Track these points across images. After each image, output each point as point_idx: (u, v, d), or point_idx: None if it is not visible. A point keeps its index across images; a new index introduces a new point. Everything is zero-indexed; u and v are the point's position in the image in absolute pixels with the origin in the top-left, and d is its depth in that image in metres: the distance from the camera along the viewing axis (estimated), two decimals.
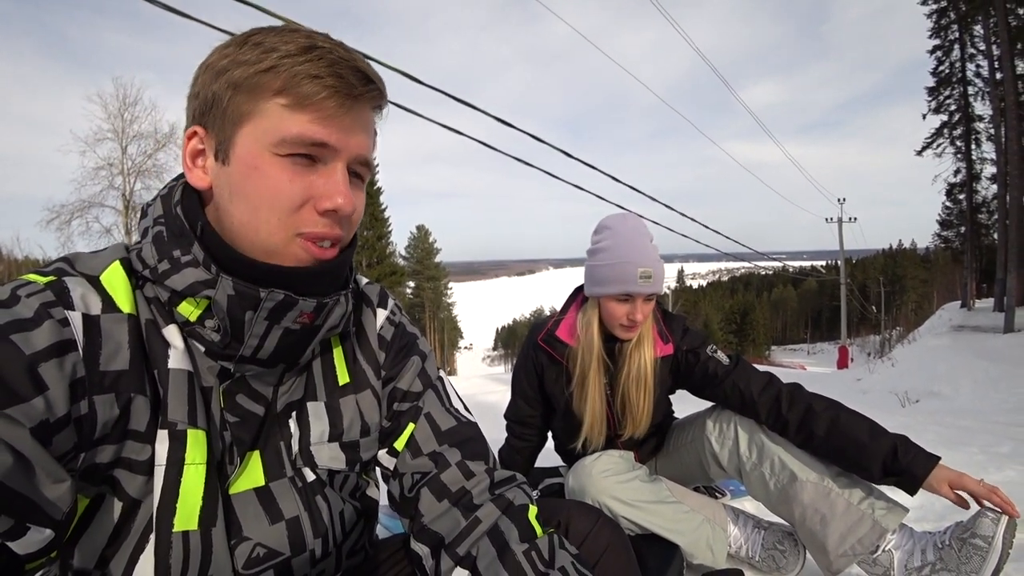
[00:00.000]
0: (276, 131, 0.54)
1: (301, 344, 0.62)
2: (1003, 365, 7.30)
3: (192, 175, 0.59)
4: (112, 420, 0.52)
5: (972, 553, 1.05)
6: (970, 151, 18.58)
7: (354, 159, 0.58)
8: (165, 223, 0.58)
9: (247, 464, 0.62)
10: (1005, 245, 13.90)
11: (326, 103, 0.54)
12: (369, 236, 28.80)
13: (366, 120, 0.59)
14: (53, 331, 0.49)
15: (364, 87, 0.56)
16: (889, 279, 51.85)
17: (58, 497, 0.47)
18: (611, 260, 1.32)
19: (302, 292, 0.57)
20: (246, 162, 0.55)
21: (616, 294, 1.32)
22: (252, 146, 0.55)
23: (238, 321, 0.56)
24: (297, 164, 0.55)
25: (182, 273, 0.55)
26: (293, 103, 0.53)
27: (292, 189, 0.55)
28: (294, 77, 0.53)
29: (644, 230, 1.38)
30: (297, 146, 0.54)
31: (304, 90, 0.53)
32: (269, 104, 0.54)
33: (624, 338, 1.36)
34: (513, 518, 0.66)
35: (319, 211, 0.56)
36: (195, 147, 0.58)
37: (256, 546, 0.60)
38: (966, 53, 18.00)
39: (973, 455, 2.51)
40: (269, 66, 0.53)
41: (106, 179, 15.50)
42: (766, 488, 1.28)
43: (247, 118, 0.55)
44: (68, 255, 0.57)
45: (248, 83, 0.54)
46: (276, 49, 0.53)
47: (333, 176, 0.56)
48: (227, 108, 0.55)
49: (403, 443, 0.71)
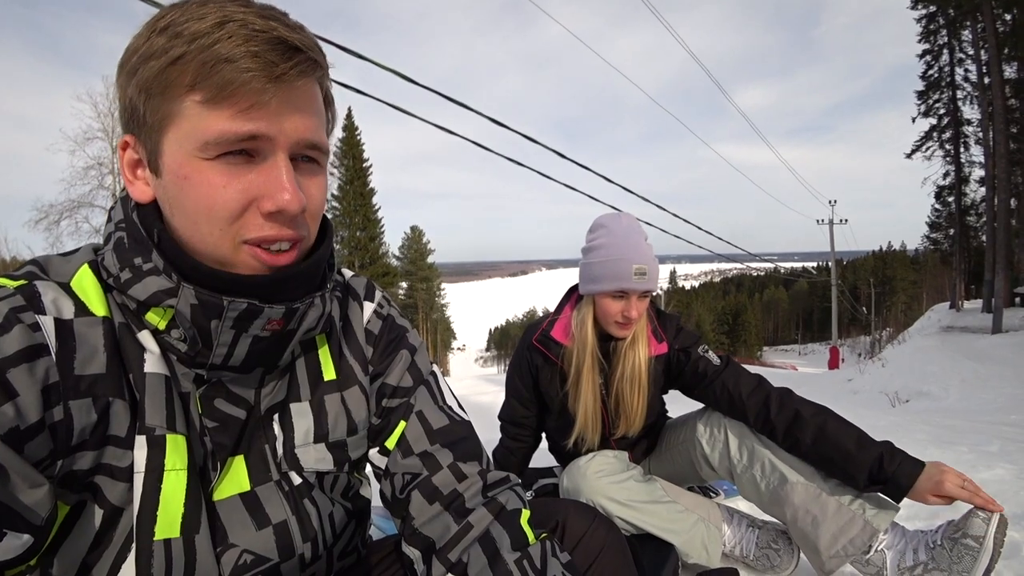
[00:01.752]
0: (197, 133, 0.48)
1: (275, 349, 0.59)
2: (991, 365, 7.40)
3: (134, 188, 0.54)
4: (90, 425, 0.50)
5: (964, 553, 1.06)
6: (959, 154, 18.83)
7: (296, 144, 0.52)
8: (126, 228, 0.55)
9: (231, 469, 0.60)
10: (993, 247, 14.09)
11: (244, 91, 0.47)
12: (362, 237, 28.72)
13: (303, 97, 0.52)
14: (23, 336, 0.47)
15: (287, 62, 0.48)
16: (879, 280, 52.36)
17: (36, 502, 0.46)
18: (606, 257, 1.32)
19: (269, 299, 0.53)
20: (175, 172, 0.50)
21: (611, 291, 1.32)
22: (177, 154, 0.49)
23: (204, 330, 0.53)
24: (231, 165, 0.49)
25: (144, 282, 0.52)
26: (209, 98, 0.47)
27: (227, 195, 0.49)
28: (204, 65, 0.46)
29: (639, 229, 1.38)
30: (224, 146, 0.48)
31: (217, 80, 0.47)
32: (185, 103, 0.48)
33: (619, 336, 1.36)
34: (505, 524, 0.64)
35: (263, 214, 0.50)
36: (131, 157, 0.54)
37: (243, 553, 0.58)
38: (955, 57, 18.24)
39: (963, 454, 2.54)
40: (176, 56, 0.47)
41: (96, 179, 15.42)
42: (757, 490, 1.28)
43: (167, 123, 0.49)
44: (39, 258, 0.55)
45: (158, 83, 0.48)
46: (182, 33, 0.47)
47: (274, 171, 0.50)
48: (145, 115, 0.50)
49: (394, 442, 0.69)
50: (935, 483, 1.08)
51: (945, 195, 20.39)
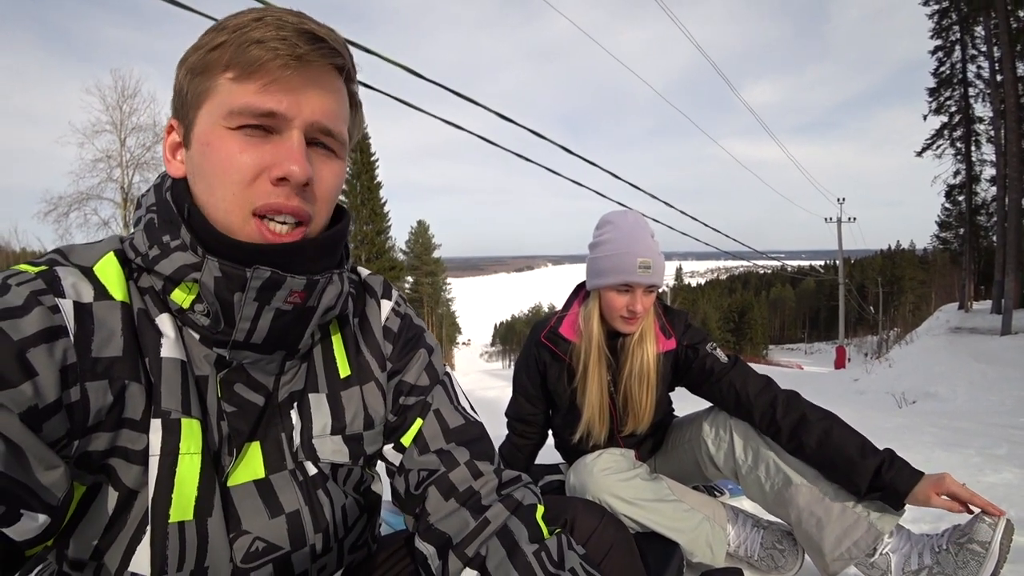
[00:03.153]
0: (225, 104, 0.53)
1: (297, 327, 0.60)
2: (1000, 367, 7.33)
3: (171, 166, 0.60)
4: (106, 407, 0.52)
5: (969, 558, 1.06)
6: (970, 153, 18.59)
7: (311, 126, 0.56)
8: (156, 211, 0.58)
9: (246, 455, 0.61)
10: (1003, 247, 13.93)
11: (269, 67, 0.52)
12: (368, 231, 28.77)
13: (322, 83, 0.56)
14: (43, 317, 0.48)
15: (310, 45, 0.53)
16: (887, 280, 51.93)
17: (52, 483, 0.47)
18: (611, 252, 1.34)
19: (290, 270, 0.55)
20: (201, 140, 0.55)
21: (616, 284, 1.33)
22: (206, 124, 0.55)
23: (227, 303, 0.55)
24: (250, 136, 0.54)
25: (170, 258, 0.55)
26: (239, 75, 0.53)
27: (243, 160, 0.53)
28: (239, 47, 0.52)
29: (645, 225, 1.39)
30: (246, 117, 0.53)
31: (247, 58, 0.52)
32: (220, 80, 0.54)
33: (624, 331, 1.37)
34: (522, 518, 0.66)
35: (272, 181, 0.54)
36: (173, 140, 0.59)
37: (255, 540, 0.59)
38: (967, 54, 17.98)
39: (970, 457, 2.52)
40: (219, 42, 0.53)
41: (104, 171, 15.51)
42: (762, 491, 1.28)
43: (203, 98, 0.55)
44: (62, 247, 0.57)
45: (201, 64, 0.54)
46: (226, 26, 0.54)
47: (286, 144, 0.54)
48: (187, 94, 0.56)
49: (410, 439, 0.70)
50: (935, 482, 1.09)
51: (955, 194, 20.15)
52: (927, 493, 1.09)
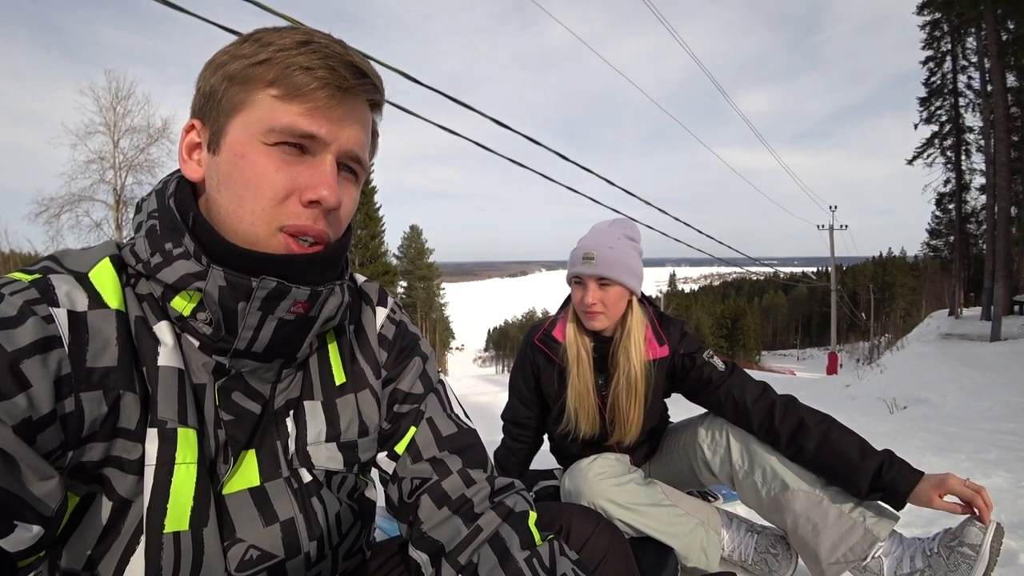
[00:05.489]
0: (266, 120, 0.54)
1: (297, 337, 0.60)
2: (989, 373, 7.40)
3: (187, 167, 0.59)
4: (100, 417, 0.51)
5: (960, 561, 1.07)
6: (960, 162, 18.83)
7: (345, 153, 0.57)
8: (158, 217, 0.58)
9: (242, 464, 0.61)
10: (992, 255, 14.10)
11: (316, 94, 0.54)
12: (362, 235, 28.71)
13: (359, 115, 0.58)
14: (36, 328, 0.48)
15: (356, 80, 0.55)
16: (879, 286, 52.35)
17: (46, 494, 0.47)
18: (572, 250, 1.41)
19: (295, 281, 0.56)
20: (234, 150, 0.55)
21: (570, 278, 1.41)
22: (242, 135, 0.55)
23: (231, 312, 0.55)
24: (285, 154, 0.55)
25: (173, 266, 0.55)
26: (284, 94, 0.54)
27: (277, 179, 0.54)
28: (286, 69, 0.53)
29: (618, 228, 1.41)
30: (286, 136, 0.54)
31: (295, 81, 0.53)
32: (261, 95, 0.54)
33: (589, 327, 1.37)
34: (514, 525, 0.65)
35: (303, 203, 0.55)
36: (192, 140, 0.59)
37: (249, 548, 0.59)
38: (958, 65, 18.26)
39: (960, 461, 2.54)
40: (264, 58, 0.53)
41: (97, 173, 15.33)
42: (758, 496, 1.29)
43: (240, 108, 0.55)
44: (56, 252, 0.57)
45: (242, 75, 0.54)
46: (272, 43, 0.54)
47: (321, 168, 0.56)
48: (222, 99, 0.55)
49: (404, 447, 0.70)
50: (937, 481, 1.10)
51: (945, 202, 20.39)
52: (928, 494, 1.10)
